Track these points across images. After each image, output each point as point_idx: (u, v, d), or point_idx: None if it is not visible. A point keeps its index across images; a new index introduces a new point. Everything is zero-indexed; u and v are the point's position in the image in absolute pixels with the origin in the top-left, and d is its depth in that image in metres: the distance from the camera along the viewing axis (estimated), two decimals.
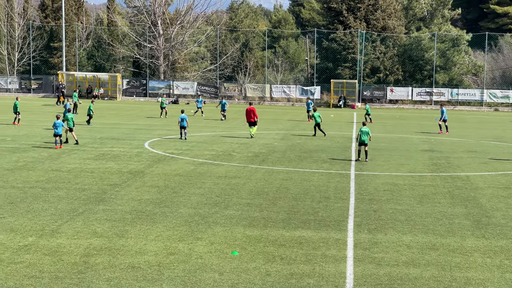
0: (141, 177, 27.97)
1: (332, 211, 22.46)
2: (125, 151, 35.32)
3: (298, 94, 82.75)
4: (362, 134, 33.31)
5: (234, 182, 27.24)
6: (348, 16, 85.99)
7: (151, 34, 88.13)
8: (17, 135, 41.20)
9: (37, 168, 29.57)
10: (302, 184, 27.16)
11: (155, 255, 17.02)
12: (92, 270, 15.77)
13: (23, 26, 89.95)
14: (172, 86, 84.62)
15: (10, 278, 15.06)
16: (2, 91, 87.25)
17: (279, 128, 50.38)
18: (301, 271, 16.14)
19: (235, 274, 15.80)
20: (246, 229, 19.87)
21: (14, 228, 19.22)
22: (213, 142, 40.24)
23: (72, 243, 17.90)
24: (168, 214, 21.43)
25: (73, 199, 23.28)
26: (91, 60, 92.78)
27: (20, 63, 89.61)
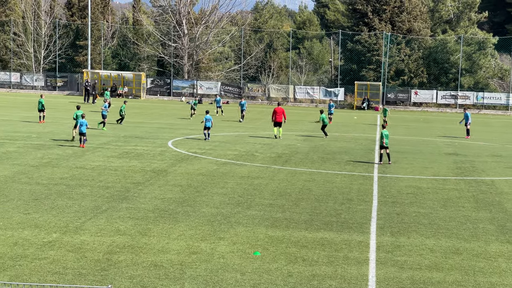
0: (164, 176, 28.06)
1: (355, 213, 22.40)
2: (148, 150, 35.46)
3: (321, 96, 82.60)
4: (384, 137, 33.16)
5: (256, 183, 27.25)
6: (373, 18, 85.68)
7: (176, 34, 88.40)
8: (42, 132, 41.50)
9: (62, 165, 29.77)
10: (325, 186, 27.12)
11: (177, 254, 17.07)
12: (115, 267, 15.85)
13: (50, 24, 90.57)
14: (196, 85, 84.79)
15: (34, 274, 15.18)
16: (28, 88, 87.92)
17: (302, 129, 50.30)
18: (323, 272, 16.11)
19: (257, 274, 15.81)
20: (268, 229, 19.87)
21: (39, 224, 19.37)
22: (236, 142, 40.27)
23: (96, 240, 18.01)
24: (191, 213, 21.48)
25: (96, 197, 23.41)
26: (116, 59, 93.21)
27: (46, 60, 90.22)
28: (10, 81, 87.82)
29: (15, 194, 23.26)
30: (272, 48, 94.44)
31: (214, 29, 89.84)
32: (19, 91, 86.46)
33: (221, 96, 68.44)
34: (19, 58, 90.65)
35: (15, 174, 27.12)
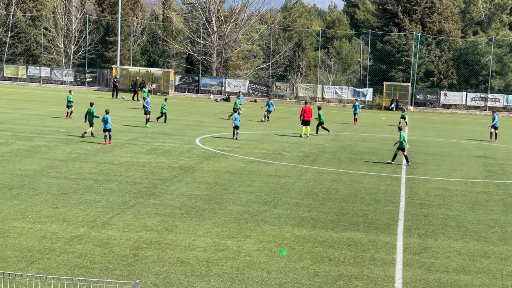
0: (192, 173, 28.12)
1: (382, 214, 22.29)
2: (176, 147, 35.56)
3: (350, 96, 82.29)
4: (402, 140, 33.07)
5: (283, 181, 27.22)
6: (403, 19, 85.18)
7: (205, 31, 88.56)
8: (71, 127, 41.79)
9: (90, 160, 29.95)
10: (352, 186, 27.02)
11: (203, 251, 17.10)
12: (142, 263, 15.91)
13: (80, 20, 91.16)
14: (224, 83, 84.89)
15: (62, 268, 15.28)
16: (57, 83, 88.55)
17: (330, 129, 50.14)
18: (350, 273, 16.05)
19: (283, 273, 15.78)
20: (294, 228, 19.84)
21: (67, 219, 19.50)
22: (264, 141, 40.26)
23: (123, 235, 18.09)
24: (218, 211, 21.51)
25: (124, 192, 23.52)
26: (145, 55, 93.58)
27: (75, 56, 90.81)
28: (40, 75, 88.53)
29: (43, 188, 23.44)
30: (301, 47, 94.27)
31: (243, 27, 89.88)
32: (48, 85, 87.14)
33: (243, 94, 67.97)
34: (49, 53, 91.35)
35: (44, 168, 27.33)
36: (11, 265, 15.25)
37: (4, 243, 16.81)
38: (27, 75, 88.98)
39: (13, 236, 17.48)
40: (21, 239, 17.26)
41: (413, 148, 40.55)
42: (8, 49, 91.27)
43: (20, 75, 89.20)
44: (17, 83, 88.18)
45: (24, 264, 15.34)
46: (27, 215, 19.64)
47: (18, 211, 20.06)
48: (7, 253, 16.05)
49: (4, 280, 13.71)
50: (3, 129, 38.61)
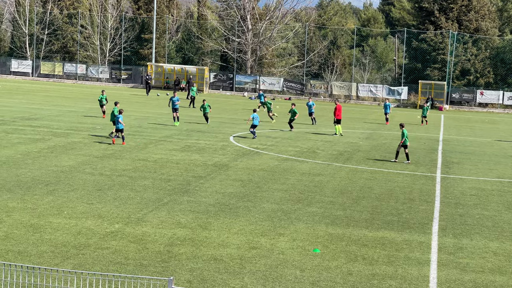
0: (225, 170, 28.18)
1: (416, 213, 22.13)
2: (210, 144, 35.65)
3: (385, 94, 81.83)
4: (407, 137, 32.80)
5: (317, 180, 27.16)
6: (439, 17, 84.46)
7: (240, 29, 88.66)
8: (106, 123, 42.09)
9: (125, 157, 30.15)
10: (386, 185, 26.87)
11: (237, 248, 17.12)
12: (176, 259, 15.98)
13: (116, 17, 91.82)
14: (258, 81, 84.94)
15: (97, 263, 15.41)
16: (93, 80, 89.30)
17: (364, 127, 49.95)
18: (383, 272, 15.96)
19: (316, 271, 15.75)
20: (328, 227, 19.79)
21: (102, 215, 19.65)
22: (298, 139, 40.21)
23: (157, 232, 18.19)
24: (251, 209, 21.52)
25: (158, 189, 23.65)
26: (180, 53, 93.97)
27: (111, 53, 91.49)
28: (76, 72, 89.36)
29: (79, 184, 23.66)
30: (335, 45, 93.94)
31: (278, 25, 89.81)
32: (84, 82, 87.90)
33: (261, 91, 67.58)
34: (85, 50, 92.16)
35: (80, 164, 27.58)
36: (47, 260, 15.42)
37: (40, 239, 16.99)
38: (63, 72, 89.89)
39: (49, 231, 17.67)
40: (57, 234, 17.44)
41: (448, 147, 40.22)
42: (45, 47, 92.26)
43: (56, 72, 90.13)
44: (54, 80, 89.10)
45: (60, 260, 15.50)
46: (63, 211, 19.83)
47: (54, 207, 20.27)
48: (43, 249, 16.22)
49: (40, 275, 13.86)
50: (39, 126, 39.04)
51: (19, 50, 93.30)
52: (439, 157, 35.51)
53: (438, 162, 33.91)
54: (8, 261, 14.98)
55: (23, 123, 40.03)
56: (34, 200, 21.02)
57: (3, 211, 19.40)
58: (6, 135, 34.47)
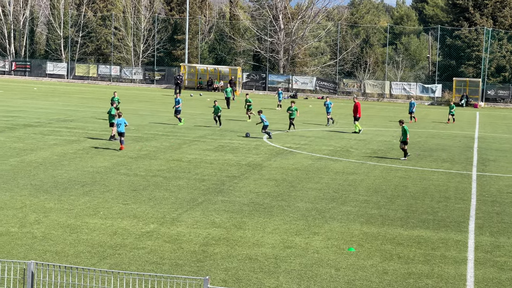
0: (259, 170, 28.21)
1: (452, 212, 21.96)
2: (243, 144, 35.71)
3: (418, 92, 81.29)
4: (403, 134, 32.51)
5: (351, 178, 27.08)
6: (474, 13, 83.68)
7: (272, 28, 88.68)
8: (140, 124, 42.37)
9: (159, 157, 30.32)
10: (421, 183, 26.70)
11: (272, 248, 17.14)
12: (211, 259, 16.04)
13: (149, 19, 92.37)
14: (291, 80, 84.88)
15: (133, 263, 15.52)
16: (127, 81, 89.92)
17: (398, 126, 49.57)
18: (420, 271, 15.87)
19: (351, 270, 15.71)
20: (363, 226, 19.72)
21: (137, 215, 19.79)
22: (331, 138, 40.11)
23: (192, 232, 18.27)
24: (286, 208, 21.53)
25: (192, 189, 23.75)
26: (213, 53, 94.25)
27: (144, 54, 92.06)
28: (110, 74, 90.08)
29: (114, 185, 23.84)
30: (368, 44, 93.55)
31: (310, 24, 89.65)
32: (118, 84, 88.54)
33: (280, 89, 67.30)
34: (119, 52, 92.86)
35: (115, 165, 27.79)
36: (84, 260, 15.57)
37: (77, 239, 17.16)
38: (97, 74, 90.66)
39: (85, 232, 17.84)
40: (93, 234, 17.60)
41: (484, 144, 39.84)
42: (79, 49, 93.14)
43: (91, 74, 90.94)
44: (88, 81, 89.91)
45: (97, 260, 15.64)
46: (99, 211, 20.01)
47: (90, 207, 20.46)
48: (80, 249, 16.38)
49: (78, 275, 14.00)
50: (75, 127, 39.42)
51: (54, 53, 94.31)
52: (475, 155, 35.19)
53: (474, 159, 33.61)
54: (46, 261, 15.16)
55: (59, 124, 40.45)
56: (70, 200, 21.23)
57: (40, 212, 19.63)
58: (42, 137, 34.86)
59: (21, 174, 24.98)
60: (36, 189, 22.60)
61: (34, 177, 24.54)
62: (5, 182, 23.45)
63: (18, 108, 49.34)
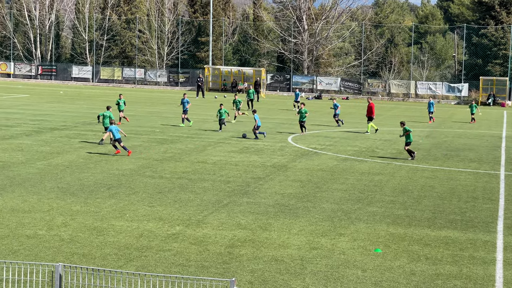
0: (284, 171, 28.15)
1: (480, 212, 21.76)
2: (268, 145, 35.67)
3: (444, 91, 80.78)
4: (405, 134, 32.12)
5: (377, 179, 26.93)
6: (500, 11, 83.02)
7: (296, 29, 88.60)
8: (165, 126, 42.49)
9: (184, 159, 30.37)
10: (448, 183, 26.48)
11: (298, 249, 17.08)
12: (237, 261, 16.01)
13: (173, 21, 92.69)
14: (315, 81, 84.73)
15: (159, 265, 15.54)
16: (151, 84, 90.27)
17: (424, 126, 49.35)
18: (448, 272, 15.72)
19: (378, 271, 15.60)
20: (389, 226, 19.60)
21: (163, 217, 19.82)
22: (356, 138, 39.95)
23: (217, 233, 18.26)
24: (311, 209, 21.45)
25: (218, 191, 23.74)
26: (237, 55, 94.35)
27: (169, 57, 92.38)
28: (134, 77, 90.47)
29: (140, 187, 23.91)
30: (393, 43, 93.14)
31: (334, 24, 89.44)
32: (143, 86, 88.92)
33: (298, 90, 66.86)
34: (143, 54, 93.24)
35: (140, 167, 27.88)
36: (110, 262, 15.62)
37: (103, 241, 17.22)
38: (122, 77, 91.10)
39: (112, 234, 17.90)
40: (119, 237, 17.65)
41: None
42: (104, 52, 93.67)
43: (116, 77, 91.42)
44: (113, 84, 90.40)
45: (123, 262, 15.68)
46: (124, 214, 20.07)
47: (116, 210, 20.53)
48: (107, 251, 16.43)
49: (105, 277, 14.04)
50: (100, 130, 39.57)
51: (79, 57, 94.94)
52: (503, 154, 34.86)
53: (502, 159, 33.29)
54: (73, 263, 15.22)
55: (85, 128, 40.68)
56: (96, 203, 21.32)
57: (67, 215, 19.73)
58: (68, 140, 35.08)
59: (48, 177, 25.14)
60: (63, 192, 22.72)
61: (61, 180, 24.69)
62: (32, 186, 23.61)
63: (45, 112, 49.71)
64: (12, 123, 34.51)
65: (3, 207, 20.43)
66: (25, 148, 32.01)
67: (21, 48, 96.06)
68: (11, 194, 22.12)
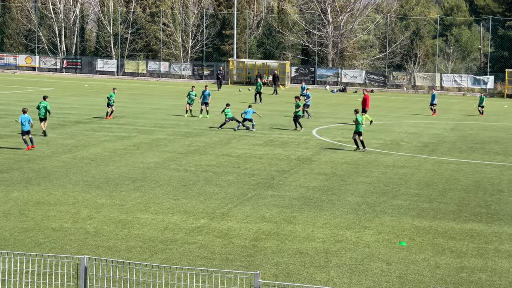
0: (309, 164, 28.13)
1: (506, 205, 21.61)
2: (293, 138, 35.64)
3: (470, 84, 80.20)
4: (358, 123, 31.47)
5: (402, 172, 26.82)
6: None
7: (320, 22, 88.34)
8: (190, 120, 42.61)
9: (208, 152, 30.44)
10: (474, 176, 26.32)
11: (322, 242, 17.07)
12: (261, 254, 16.04)
13: (197, 14, 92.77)
14: (340, 74, 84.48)
15: (184, 258, 15.61)
16: (176, 77, 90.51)
17: (450, 118, 49.06)
18: (472, 265, 15.65)
19: (403, 264, 15.56)
20: (414, 219, 19.53)
21: (188, 210, 19.90)
22: (381, 131, 39.79)
23: (242, 226, 18.30)
24: (336, 202, 21.42)
25: (242, 184, 23.78)
26: (261, 48, 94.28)
27: (193, 50, 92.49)
28: (159, 70, 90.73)
29: (165, 180, 24.01)
30: (418, 36, 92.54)
31: (359, 17, 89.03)
32: (168, 80, 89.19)
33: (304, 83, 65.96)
34: (168, 48, 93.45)
35: (165, 160, 27.99)
36: (135, 255, 15.71)
37: (128, 234, 17.33)
38: (147, 70, 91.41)
39: (136, 227, 18.00)
40: (144, 230, 17.75)
41: None
42: (129, 45, 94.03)
43: (140, 70, 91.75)
44: (138, 78, 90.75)
45: (148, 255, 15.77)
46: (149, 207, 20.17)
47: (141, 203, 20.64)
48: (132, 244, 16.53)
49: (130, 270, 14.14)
50: (125, 123, 39.81)
51: (104, 50, 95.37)
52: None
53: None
54: (98, 256, 15.33)
55: (110, 121, 40.88)
56: (121, 196, 21.45)
57: (93, 208, 19.87)
58: (93, 133, 35.29)
59: (73, 170, 25.32)
60: (88, 185, 22.88)
61: (86, 173, 24.86)
62: (58, 179, 23.80)
63: (70, 105, 50.04)
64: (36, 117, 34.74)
65: (29, 200, 20.63)
66: (50, 141, 32.25)
67: (46, 41, 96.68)
68: (36, 187, 22.32)
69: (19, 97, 54.93)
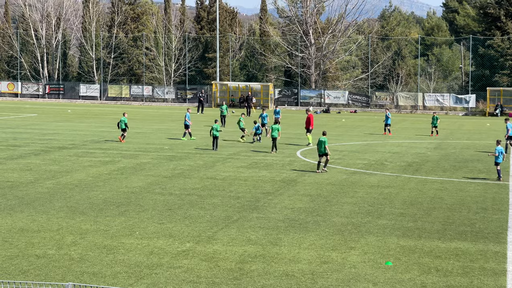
0: (294, 185, 28.15)
1: (490, 223, 21.70)
2: (277, 160, 35.68)
3: (452, 103, 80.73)
4: (320, 145, 31.42)
5: (386, 192, 26.90)
6: (506, 22, 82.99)
7: (303, 44, 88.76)
8: (174, 144, 42.58)
9: (193, 175, 30.41)
10: (458, 195, 26.44)
11: (308, 264, 17.06)
12: (247, 276, 16.00)
13: (180, 38, 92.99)
14: (323, 95, 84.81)
15: (170, 282, 15.55)
16: (159, 101, 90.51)
17: (432, 138, 49.25)
18: (458, 283, 15.68)
19: (389, 284, 15.57)
20: (400, 239, 19.56)
21: (173, 234, 19.84)
22: (365, 151, 39.93)
23: (228, 249, 18.26)
24: (321, 223, 21.44)
25: (227, 207, 23.76)
26: (244, 70, 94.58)
27: (176, 73, 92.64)
28: (142, 94, 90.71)
29: (149, 205, 23.94)
30: (400, 56, 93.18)
31: (340, 38, 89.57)
32: (151, 104, 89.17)
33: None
34: (151, 71, 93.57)
35: (149, 185, 27.92)
36: (121, 280, 15.63)
37: (114, 259, 17.24)
38: (130, 95, 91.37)
39: (122, 252, 17.92)
40: (129, 255, 17.67)
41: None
42: (111, 70, 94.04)
43: (123, 95, 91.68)
44: (121, 102, 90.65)
45: (134, 280, 15.69)
46: (134, 231, 20.10)
47: (126, 228, 20.56)
48: (117, 269, 16.45)
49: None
50: (109, 148, 39.72)
51: (87, 75, 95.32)
52: (511, 165, 34.77)
53: (510, 170, 33.21)
54: (84, 282, 15.24)
55: (93, 146, 40.79)
56: (106, 221, 21.36)
57: (77, 233, 19.77)
58: (77, 159, 35.17)
59: (57, 196, 25.21)
60: (72, 211, 22.77)
61: (70, 199, 24.75)
62: (41, 205, 23.67)
63: (53, 130, 49.88)
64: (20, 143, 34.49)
65: (12, 227, 20.50)
66: (33, 167, 32.11)
67: (28, 67, 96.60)
68: (20, 214, 22.19)
69: (1, 124, 54.69)
